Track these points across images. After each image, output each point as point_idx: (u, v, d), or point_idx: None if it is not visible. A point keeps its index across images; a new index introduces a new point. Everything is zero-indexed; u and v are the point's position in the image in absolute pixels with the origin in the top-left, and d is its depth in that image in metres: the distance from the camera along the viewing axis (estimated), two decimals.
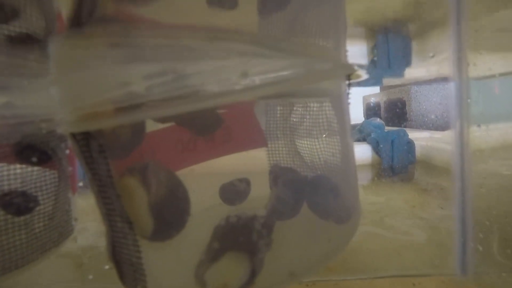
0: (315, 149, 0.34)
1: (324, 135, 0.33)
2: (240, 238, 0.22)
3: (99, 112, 0.22)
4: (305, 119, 0.35)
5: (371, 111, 1.50)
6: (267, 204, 0.30)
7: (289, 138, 0.38)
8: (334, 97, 0.30)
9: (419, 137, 1.02)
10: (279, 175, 0.34)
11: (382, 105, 1.41)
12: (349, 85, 0.29)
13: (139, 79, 0.21)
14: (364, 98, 1.43)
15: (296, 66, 0.22)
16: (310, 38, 0.23)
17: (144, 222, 0.23)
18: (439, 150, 0.87)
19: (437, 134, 1.06)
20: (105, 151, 0.23)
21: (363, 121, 1.01)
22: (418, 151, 0.95)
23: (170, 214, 0.23)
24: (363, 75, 0.69)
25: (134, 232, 0.23)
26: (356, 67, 0.32)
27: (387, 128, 1.01)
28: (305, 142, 0.35)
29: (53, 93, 0.23)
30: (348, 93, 0.30)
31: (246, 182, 0.40)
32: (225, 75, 0.20)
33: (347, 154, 0.31)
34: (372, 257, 0.52)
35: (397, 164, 0.93)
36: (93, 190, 0.25)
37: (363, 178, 0.90)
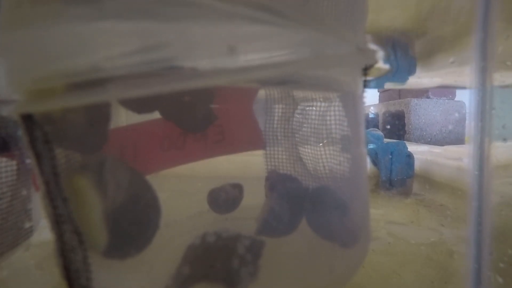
0: (320, 156, 0.28)
1: (331, 140, 0.26)
2: (217, 264, 0.16)
3: (45, 90, 0.16)
4: (310, 120, 0.29)
5: (369, 122, 1.44)
6: (258, 217, 0.24)
7: (290, 141, 0.31)
8: (346, 95, 0.24)
9: (418, 151, 0.95)
10: (276, 183, 0.28)
11: (380, 117, 1.35)
12: (366, 80, 0.23)
13: (100, 46, 0.15)
14: None
15: (303, 44, 0.16)
16: (323, 10, 0.17)
17: (95, 235, 0.17)
18: (439, 165, 0.81)
19: (436, 149, 1.00)
20: (51, 141, 0.17)
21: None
22: (416, 165, 0.88)
23: (131, 227, 0.17)
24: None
25: (84, 247, 0.17)
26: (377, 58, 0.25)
27: (385, 141, 0.95)
28: (309, 147, 0.29)
29: None
30: (363, 91, 0.23)
31: (239, 188, 0.33)
32: (208, 48, 0.14)
33: (358, 164, 0.24)
34: (368, 277, 0.45)
35: (395, 176, 0.86)
36: (41, 189, 0.18)
37: None
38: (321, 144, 0.28)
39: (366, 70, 0.23)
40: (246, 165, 0.36)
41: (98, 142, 0.20)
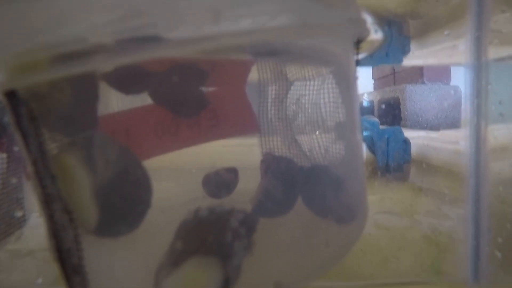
0: (315, 136, 0.27)
1: (326, 118, 0.26)
2: (209, 238, 0.15)
3: (28, 64, 0.16)
4: (304, 100, 0.28)
5: (364, 110, 1.44)
6: (252, 198, 0.23)
7: (285, 123, 0.31)
8: (339, 70, 0.23)
9: (414, 136, 0.95)
10: (271, 165, 0.27)
11: (376, 104, 1.35)
12: (358, 55, 0.22)
13: (82, 15, 0.15)
14: None
15: (290, 11, 0.15)
16: None
17: (85, 212, 0.16)
18: (436, 149, 0.81)
19: (433, 134, 1.00)
20: (36, 118, 0.16)
21: None
22: (413, 150, 0.88)
23: (122, 204, 0.16)
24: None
25: (75, 225, 0.17)
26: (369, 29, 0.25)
27: (381, 127, 0.95)
28: (304, 127, 0.29)
29: None
30: (356, 65, 0.23)
31: (234, 172, 0.33)
32: (192, 14, 0.14)
33: (354, 142, 0.24)
34: (367, 261, 0.45)
35: (392, 162, 0.86)
36: (29, 169, 0.18)
37: None
38: (316, 124, 0.27)
39: (358, 43, 0.22)
40: (241, 150, 0.35)
41: (86, 123, 0.19)
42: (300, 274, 0.17)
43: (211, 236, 0.15)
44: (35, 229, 0.27)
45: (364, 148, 0.89)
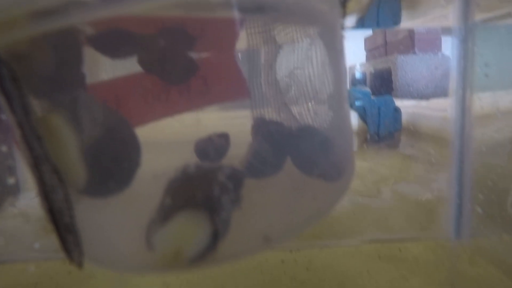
0: (304, 97, 0.27)
1: (314, 80, 0.26)
2: (197, 193, 0.15)
3: (7, 22, 0.15)
4: (293, 63, 0.28)
5: (357, 81, 1.43)
6: (242, 160, 0.24)
7: (274, 87, 0.31)
8: (326, 31, 0.23)
9: (405, 105, 0.96)
10: (261, 128, 0.28)
11: (368, 76, 1.34)
12: (345, 12, 0.22)
13: None
14: (350, 68, 1.37)
15: None
16: None
17: (74, 172, 0.16)
18: (425, 117, 0.82)
19: (423, 103, 1.01)
20: (19, 79, 0.16)
21: (349, 89, 0.95)
22: (404, 119, 0.89)
23: (110, 163, 0.16)
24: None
25: (64, 184, 0.17)
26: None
27: (373, 97, 0.95)
28: (293, 90, 0.28)
29: None
30: (342, 24, 0.22)
31: (225, 138, 0.33)
32: None
33: (340, 102, 0.24)
34: (358, 222, 0.46)
35: (383, 131, 0.87)
36: (16, 133, 0.18)
37: None
38: (305, 86, 0.27)
39: (345, 2, 0.22)
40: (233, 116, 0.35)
41: (70, 85, 0.19)
42: (288, 227, 0.18)
43: (199, 190, 0.16)
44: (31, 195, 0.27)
45: (356, 118, 0.90)
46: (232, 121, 0.35)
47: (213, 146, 0.32)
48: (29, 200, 0.28)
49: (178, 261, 0.16)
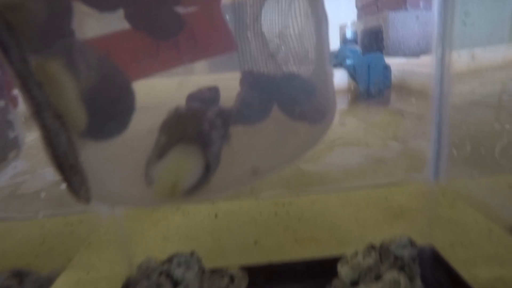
0: (288, 47, 0.28)
1: (298, 29, 0.27)
2: (189, 129, 0.17)
3: None
4: (277, 14, 0.29)
5: (348, 40, 1.42)
6: (231, 108, 0.25)
7: (261, 39, 0.31)
8: None
9: (395, 63, 0.97)
10: (248, 78, 0.29)
11: (359, 34, 1.33)
12: None
13: None
14: (341, 27, 1.35)
15: None
16: None
17: (74, 115, 0.17)
18: (414, 73, 0.83)
19: (413, 60, 1.01)
20: (14, 29, 0.17)
21: (340, 47, 0.95)
22: (394, 76, 0.90)
23: (107, 106, 0.18)
24: None
25: (66, 127, 0.18)
26: None
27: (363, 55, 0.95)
28: (278, 41, 0.29)
29: None
30: None
31: (215, 91, 0.34)
32: None
33: (322, 49, 0.25)
34: (348, 172, 0.49)
35: (373, 88, 0.88)
36: (16, 83, 0.19)
37: (340, 103, 0.86)
38: (289, 36, 0.28)
39: None
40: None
41: (63, 35, 0.20)
42: (274, 161, 0.20)
43: (190, 127, 0.17)
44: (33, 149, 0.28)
45: (346, 76, 0.90)
46: (222, 82, 0.36)
47: (203, 98, 0.33)
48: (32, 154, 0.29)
49: (175, 193, 0.17)
